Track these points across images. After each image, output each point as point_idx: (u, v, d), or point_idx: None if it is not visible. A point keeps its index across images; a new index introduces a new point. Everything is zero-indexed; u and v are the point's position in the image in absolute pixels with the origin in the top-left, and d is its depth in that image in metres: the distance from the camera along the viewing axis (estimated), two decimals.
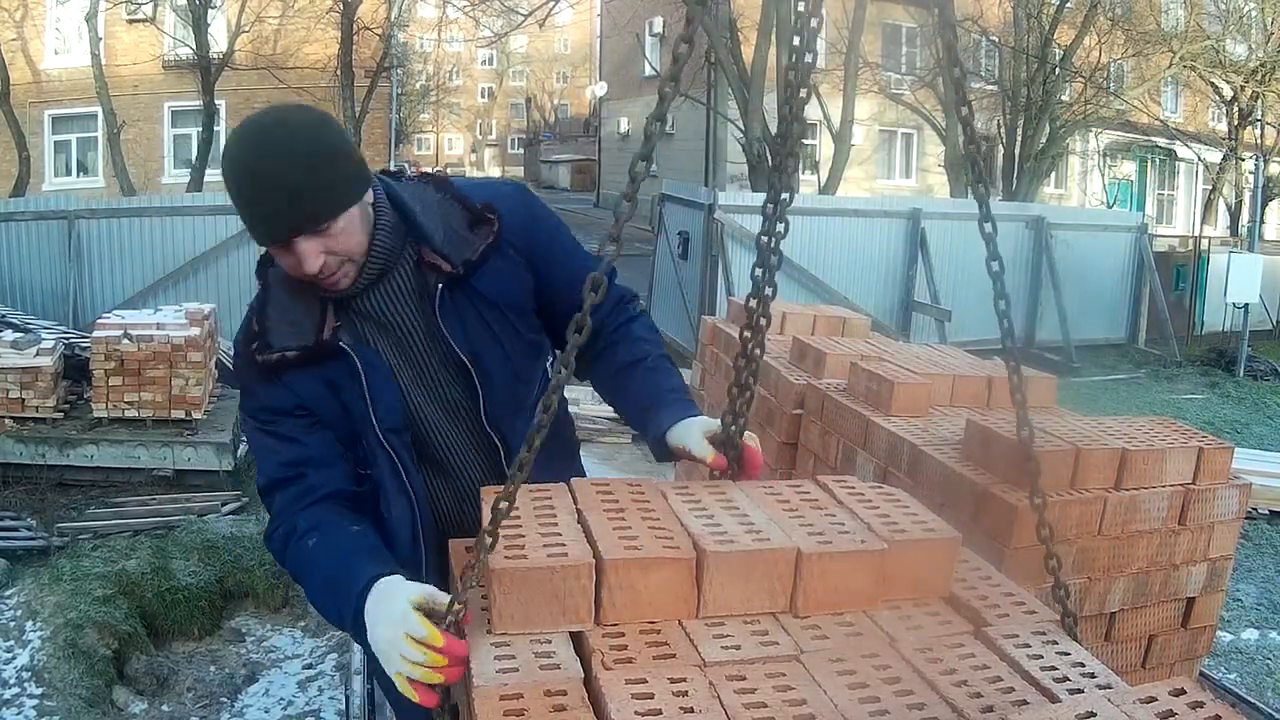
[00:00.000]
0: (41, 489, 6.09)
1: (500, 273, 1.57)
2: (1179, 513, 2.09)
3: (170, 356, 6.41)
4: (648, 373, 1.66)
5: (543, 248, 1.63)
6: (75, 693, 3.89)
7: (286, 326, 1.50)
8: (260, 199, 1.36)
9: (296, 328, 1.49)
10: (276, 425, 1.52)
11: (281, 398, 1.50)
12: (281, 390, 1.50)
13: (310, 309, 1.50)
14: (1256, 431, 8.92)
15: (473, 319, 1.55)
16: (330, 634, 4.68)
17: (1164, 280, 13.08)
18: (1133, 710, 0.98)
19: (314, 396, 1.50)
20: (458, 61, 46.28)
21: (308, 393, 1.50)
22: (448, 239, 1.53)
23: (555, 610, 1.20)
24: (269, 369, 1.49)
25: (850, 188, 18.00)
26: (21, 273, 8.72)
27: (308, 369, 1.49)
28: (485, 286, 1.55)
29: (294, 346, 1.48)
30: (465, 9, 20.06)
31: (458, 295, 1.54)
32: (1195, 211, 21.38)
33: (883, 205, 12.40)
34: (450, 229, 1.54)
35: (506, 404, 1.59)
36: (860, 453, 2.44)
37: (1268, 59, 16.56)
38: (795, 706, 1.08)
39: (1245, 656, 4.73)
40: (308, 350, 1.48)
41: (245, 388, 1.56)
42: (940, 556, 1.35)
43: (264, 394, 1.52)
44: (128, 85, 18.58)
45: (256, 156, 1.36)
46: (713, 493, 1.45)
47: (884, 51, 20.52)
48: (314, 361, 1.48)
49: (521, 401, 1.61)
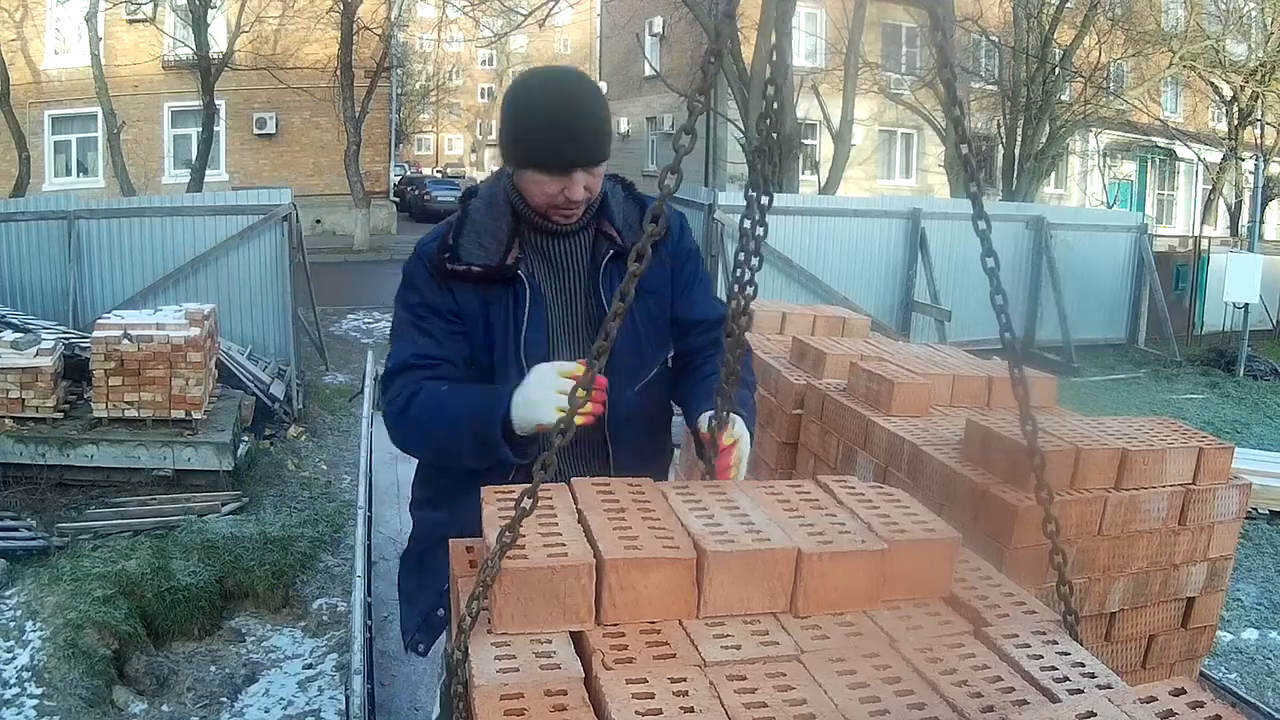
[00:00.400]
0: (41, 489, 6.09)
1: (653, 268, 1.74)
2: (1179, 513, 2.09)
3: (170, 356, 6.41)
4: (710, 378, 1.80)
5: (687, 266, 1.91)
6: (75, 693, 3.89)
7: (476, 248, 1.76)
8: (568, 129, 1.63)
9: (485, 251, 1.76)
10: (427, 322, 1.76)
11: (444, 301, 1.76)
12: (446, 295, 1.76)
13: (500, 239, 1.76)
14: (1256, 431, 8.93)
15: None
16: (330, 634, 4.68)
17: (1164, 280, 13.09)
18: (1133, 710, 0.98)
19: (470, 310, 1.76)
20: (458, 61, 46.28)
21: (466, 306, 1.76)
22: (624, 223, 1.82)
23: (555, 610, 1.20)
24: (445, 275, 1.75)
25: (850, 188, 18.01)
26: (21, 273, 8.72)
27: (476, 287, 1.75)
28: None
29: (479, 263, 1.74)
30: (465, 9, 20.07)
31: (617, 268, 1.78)
32: (1195, 211, 21.39)
33: (883, 205, 12.40)
34: (626, 219, 1.84)
35: (622, 370, 1.78)
36: (860, 453, 2.44)
37: (1268, 59, 16.57)
38: (795, 706, 1.08)
39: (1245, 656, 4.73)
40: (490, 268, 1.74)
41: (413, 283, 1.80)
42: (940, 556, 1.35)
43: (429, 292, 1.77)
44: (128, 85, 18.59)
45: (571, 96, 1.65)
46: (713, 493, 1.45)
47: (884, 51, 20.53)
48: (486, 281, 1.75)
49: (635, 372, 1.83)
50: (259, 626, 4.80)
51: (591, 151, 1.66)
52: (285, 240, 9.16)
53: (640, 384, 1.84)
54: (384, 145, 22.81)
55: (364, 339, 11.84)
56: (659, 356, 1.89)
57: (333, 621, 4.77)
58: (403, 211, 26.86)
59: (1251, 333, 11.95)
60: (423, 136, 51.84)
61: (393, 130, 23.20)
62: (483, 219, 1.79)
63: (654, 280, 1.82)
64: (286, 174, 19.57)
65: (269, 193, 9.81)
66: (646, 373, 1.85)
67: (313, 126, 20.87)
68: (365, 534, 3.18)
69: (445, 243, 1.77)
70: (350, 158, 18.96)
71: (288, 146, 21.05)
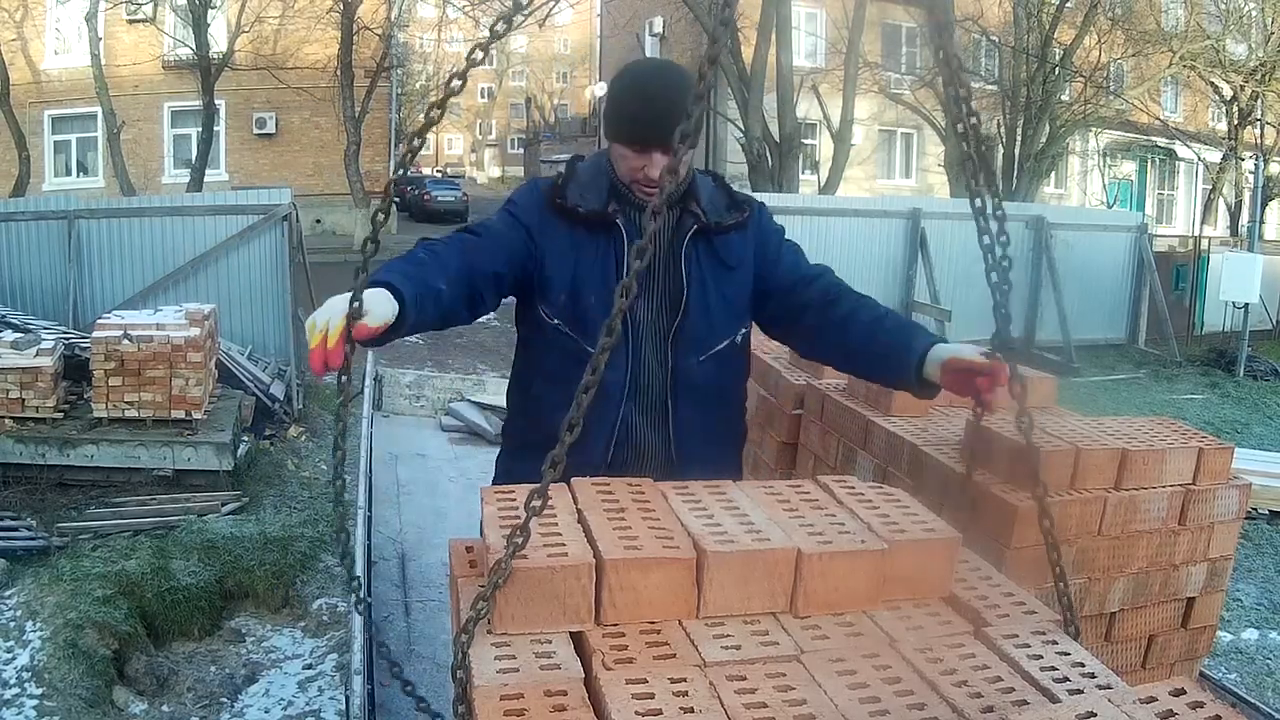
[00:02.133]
0: (41, 489, 6.09)
1: (735, 245, 1.97)
2: (1179, 513, 2.09)
3: (170, 357, 6.41)
4: (888, 316, 1.91)
5: (772, 239, 2.03)
6: (75, 693, 3.89)
7: (578, 198, 1.91)
8: (649, 112, 1.79)
9: (586, 200, 1.91)
10: (500, 223, 1.91)
11: (533, 220, 1.90)
12: (537, 217, 1.91)
13: (600, 195, 1.91)
14: (1256, 431, 8.92)
15: (703, 266, 1.93)
16: (330, 634, 4.68)
17: (1164, 280, 13.09)
18: (1133, 710, 0.98)
19: (554, 247, 1.89)
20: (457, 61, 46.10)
21: (552, 241, 1.89)
22: (710, 205, 1.96)
23: (555, 610, 1.20)
24: (550, 206, 1.91)
25: (850, 188, 18.00)
26: (21, 273, 8.71)
27: (572, 230, 1.89)
28: (721, 248, 1.95)
29: (584, 207, 1.89)
30: (465, 9, 20.07)
31: (699, 243, 1.93)
32: (1195, 211, 21.39)
33: (883, 205, 12.41)
34: (714, 201, 1.98)
35: (692, 340, 1.91)
36: (860, 453, 2.44)
37: (1268, 59, 16.57)
38: (795, 706, 1.08)
39: (1245, 656, 4.73)
40: (595, 212, 1.88)
41: (514, 199, 1.97)
42: (940, 557, 1.35)
43: (525, 209, 1.92)
44: (128, 85, 18.59)
45: (658, 83, 1.84)
46: (713, 493, 1.45)
47: (884, 51, 20.52)
48: (585, 225, 1.89)
49: (704, 343, 1.93)
50: (259, 627, 4.80)
51: (667, 135, 1.62)
52: (285, 240, 9.15)
53: (707, 354, 1.93)
54: (384, 145, 22.80)
55: None
56: (731, 331, 1.97)
57: (333, 621, 4.77)
58: (403, 211, 26.84)
59: (1251, 333, 11.95)
60: None
61: (393, 130, 23.19)
62: (588, 178, 1.94)
63: (735, 255, 1.96)
64: (286, 174, 19.57)
65: (269, 193, 9.80)
66: (715, 343, 1.94)
67: (312, 126, 20.87)
68: (365, 534, 3.18)
69: (556, 185, 1.93)
70: (350, 157, 18.96)
71: (288, 146, 21.05)
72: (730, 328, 1.98)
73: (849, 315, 1.91)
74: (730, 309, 1.97)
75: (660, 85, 1.83)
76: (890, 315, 1.93)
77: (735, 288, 1.97)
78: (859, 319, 1.90)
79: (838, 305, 1.93)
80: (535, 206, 1.93)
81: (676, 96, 1.73)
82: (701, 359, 1.93)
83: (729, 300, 1.97)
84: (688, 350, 1.92)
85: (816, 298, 1.96)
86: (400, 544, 4.49)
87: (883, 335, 1.86)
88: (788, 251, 2.04)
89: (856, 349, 1.91)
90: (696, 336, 1.92)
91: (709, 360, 1.94)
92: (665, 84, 1.83)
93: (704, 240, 1.94)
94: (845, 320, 1.91)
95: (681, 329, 1.91)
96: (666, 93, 1.79)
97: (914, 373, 1.77)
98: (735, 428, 2.11)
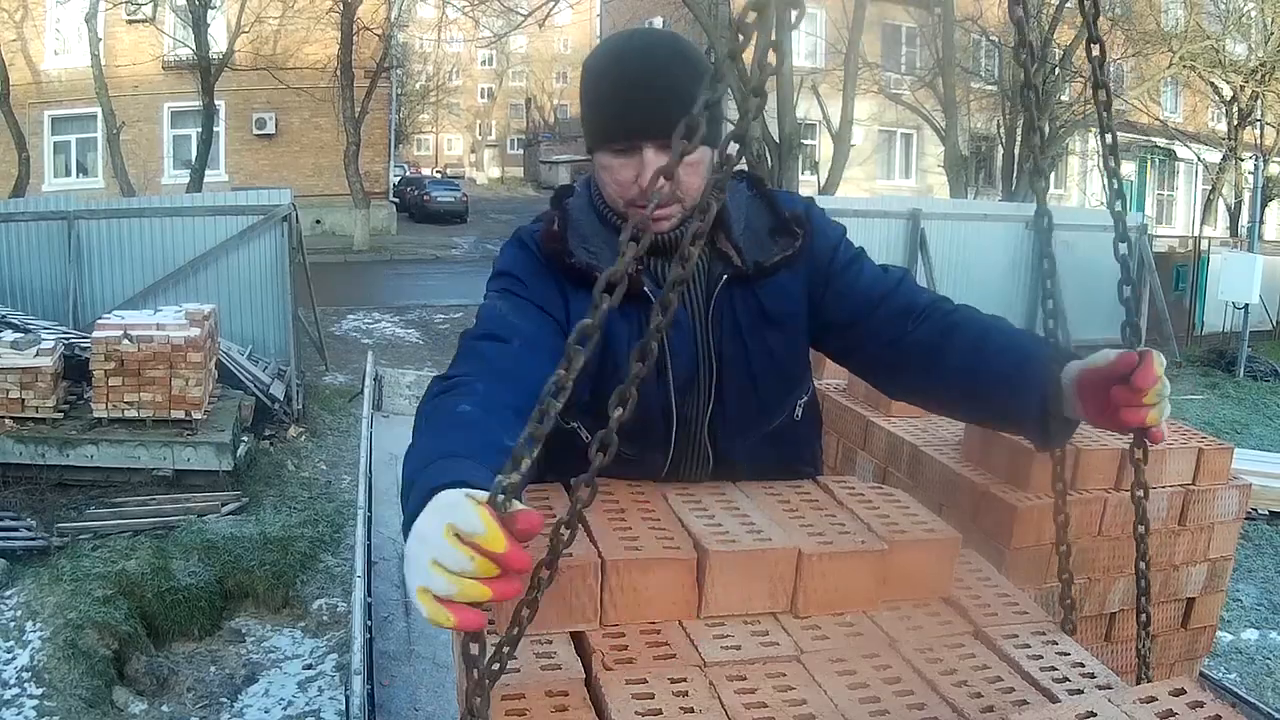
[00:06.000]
0: (41, 489, 6.09)
1: (785, 289, 1.44)
2: (1179, 513, 2.09)
3: (170, 357, 6.42)
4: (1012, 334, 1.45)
5: (836, 259, 1.48)
6: (75, 693, 3.89)
7: (582, 251, 1.41)
8: (629, 92, 1.30)
9: (593, 255, 1.39)
10: (518, 316, 1.35)
11: (548, 292, 1.39)
12: (552, 287, 1.39)
13: (609, 244, 1.36)
14: (1256, 432, 8.93)
15: (741, 326, 1.44)
16: (330, 634, 4.68)
17: (1164, 281, 13.08)
18: (1133, 710, 0.98)
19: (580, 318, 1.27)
20: (457, 61, 46.29)
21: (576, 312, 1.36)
22: (745, 235, 1.44)
23: (560, 610, 1.20)
24: (552, 266, 1.40)
25: (850, 188, 18.01)
26: (21, 273, 8.71)
27: (579, 290, 1.37)
28: (766, 296, 1.43)
29: (600, 266, 1.32)
30: (465, 9, 20.08)
31: (735, 292, 1.42)
32: (1195, 212, 21.39)
33: (883, 205, 12.39)
34: (751, 228, 1.45)
35: (731, 423, 1.47)
36: (860, 453, 2.44)
37: (1268, 59, 16.57)
38: (795, 707, 1.08)
39: (1245, 656, 4.73)
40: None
41: (509, 271, 1.42)
42: (940, 557, 1.35)
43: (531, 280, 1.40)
44: (127, 86, 18.59)
45: (640, 54, 1.34)
46: (713, 493, 1.45)
47: (884, 51, 20.53)
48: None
49: (750, 428, 1.49)
50: (259, 627, 4.81)
51: (657, 120, 1.24)
52: (285, 240, 9.16)
53: (764, 430, 1.51)
54: (384, 145, 22.82)
55: (364, 339, 11.85)
56: (788, 401, 1.54)
57: (333, 621, 4.77)
58: (402, 212, 26.86)
59: (1251, 333, 11.95)
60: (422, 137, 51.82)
61: (392, 130, 23.22)
62: (584, 224, 1.45)
63: (787, 308, 1.45)
64: (286, 174, 19.59)
65: (269, 193, 9.81)
66: (767, 423, 1.51)
67: (312, 127, 20.88)
68: (365, 534, 3.18)
69: (552, 232, 1.42)
70: (350, 158, 18.97)
71: (287, 147, 21.06)
72: (789, 398, 1.54)
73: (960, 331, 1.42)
74: (782, 377, 1.50)
75: (634, 56, 1.35)
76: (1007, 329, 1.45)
77: (788, 342, 1.47)
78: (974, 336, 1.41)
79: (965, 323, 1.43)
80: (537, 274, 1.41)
81: (657, 65, 1.31)
82: (750, 443, 1.51)
83: (780, 365, 1.47)
84: (730, 438, 1.49)
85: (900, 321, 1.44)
86: (400, 544, 4.49)
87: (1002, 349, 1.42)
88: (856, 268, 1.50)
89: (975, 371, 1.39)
90: (739, 422, 1.49)
91: (761, 442, 1.52)
92: (639, 54, 1.35)
93: (741, 289, 1.43)
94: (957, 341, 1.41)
95: (718, 415, 1.47)
96: (643, 63, 1.33)
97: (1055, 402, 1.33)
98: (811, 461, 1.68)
